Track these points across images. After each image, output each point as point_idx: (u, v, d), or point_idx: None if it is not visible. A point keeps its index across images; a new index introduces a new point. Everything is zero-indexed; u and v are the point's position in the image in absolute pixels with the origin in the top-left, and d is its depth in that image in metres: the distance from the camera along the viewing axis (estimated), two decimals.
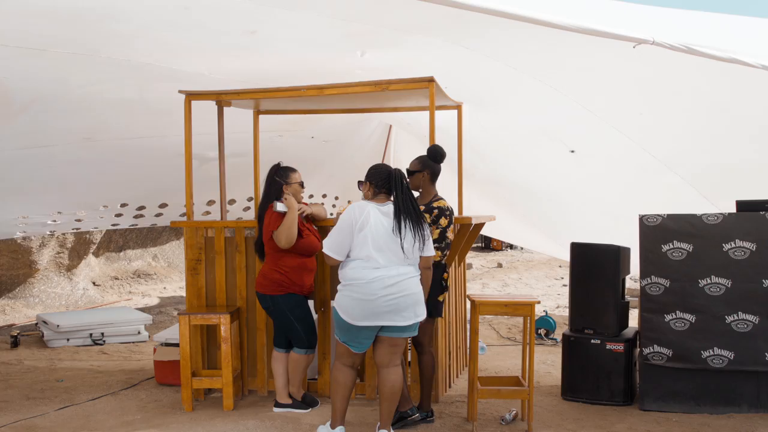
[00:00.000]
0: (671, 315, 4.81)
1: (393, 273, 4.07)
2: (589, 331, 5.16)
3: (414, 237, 4.10)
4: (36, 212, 7.42)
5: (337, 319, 4.17)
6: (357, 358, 4.25)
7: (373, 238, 4.07)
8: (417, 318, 4.14)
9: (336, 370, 4.25)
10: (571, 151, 6.21)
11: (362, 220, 4.09)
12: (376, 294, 4.03)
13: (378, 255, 4.07)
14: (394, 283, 4.05)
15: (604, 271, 5.12)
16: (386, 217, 4.12)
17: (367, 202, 4.20)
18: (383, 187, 4.22)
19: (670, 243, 4.82)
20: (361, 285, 4.07)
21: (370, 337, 4.17)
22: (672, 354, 4.82)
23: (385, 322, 4.07)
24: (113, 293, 10.41)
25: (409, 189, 4.23)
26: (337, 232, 4.18)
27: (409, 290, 4.09)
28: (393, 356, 4.22)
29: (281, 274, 4.73)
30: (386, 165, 4.42)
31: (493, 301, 4.63)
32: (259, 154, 6.10)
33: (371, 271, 4.07)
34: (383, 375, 4.22)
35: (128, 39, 4.67)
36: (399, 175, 4.22)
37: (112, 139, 6.56)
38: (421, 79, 4.91)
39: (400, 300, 4.05)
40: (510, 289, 11.45)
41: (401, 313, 4.07)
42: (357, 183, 4.39)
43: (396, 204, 4.14)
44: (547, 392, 5.39)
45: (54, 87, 5.31)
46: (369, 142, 8.13)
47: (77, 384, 5.77)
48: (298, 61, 5.26)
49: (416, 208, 4.17)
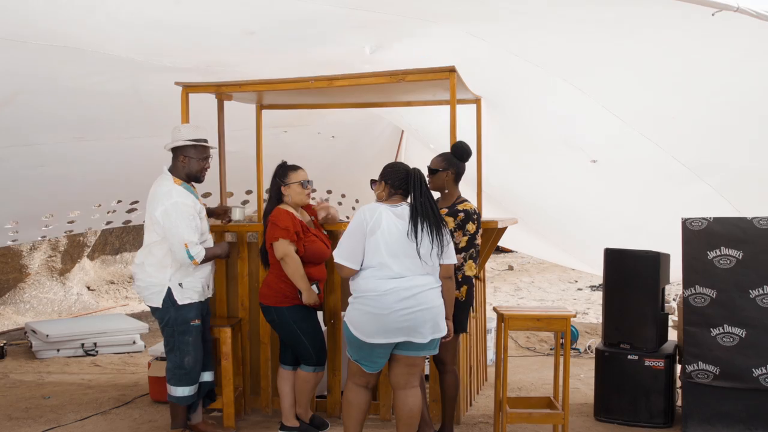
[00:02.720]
0: (718, 329, 4.37)
1: (409, 284, 3.63)
2: (625, 345, 4.71)
3: (432, 242, 3.65)
4: (26, 216, 7.00)
5: (348, 336, 3.73)
6: (372, 377, 3.81)
7: (386, 242, 3.64)
8: (436, 334, 3.68)
9: (348, 391, 3.82)
10: (592, 161, 5.73)
11: (373, 223, 3.66)
12: (390, 308, 3.59)
13: (392, 262, 3.63)
14: (410, 296, 3.61)
15: (643, 280, 4.67)
16: (400, 219, 3.68)
17: (379, 204, 3.77)
18: (400, 188, 3.79)
19: (717, 249, 4.37)
20: (373, 298, 3.63)
21: (384, 356, 3.73)
22: (719, 372, 4.37)
23: (400, 339, 3.63)
24: (109, 298, 9.97)
25: (429, 191, 3.79)
26: (347, 237, 3.73)
27: (427, 303, 3.64)
28: (410, 377, 3.77)
29: (287, 284, 4.27)
30: (403, 163, 3.97)
31: (523, 315, 4.18)
32: (262, 152, 5.64)
33: (385, 281, 3.63)
34: (400, 398, 3.77)
35: (115, 36, 4.27)
36: (419, 175, 3.78)
37: (105, 139, 6.15)
38: (440, 69, 4.46)
39: (417, 314, 3.60)
40: (523, 294, 11.00)
41: (419, 330, 3.62)
42: (370, 182, 3.94)
43: (413, 206, 3.70)
44: (578, 411, 4.94)
45: (39, 81, 4.89)
46: (379, 139, 7.68)
47: (65, 401, 5.32)
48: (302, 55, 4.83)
49: (436, 212, 3.73)
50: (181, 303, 4.23)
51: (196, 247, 4.18)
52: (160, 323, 4.32)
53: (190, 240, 4.15)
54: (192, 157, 4.32)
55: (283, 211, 4.31)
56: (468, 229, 4.05)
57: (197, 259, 4.18)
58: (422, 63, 4.51)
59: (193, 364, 4.28)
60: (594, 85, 4.73)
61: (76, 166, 6.40)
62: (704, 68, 4.27)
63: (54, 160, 6.15)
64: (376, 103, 5.82)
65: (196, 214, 4.25)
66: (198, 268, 4.28)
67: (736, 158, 5.08)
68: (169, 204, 4.17)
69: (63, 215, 7.23)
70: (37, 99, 5.10)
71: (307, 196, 4.43)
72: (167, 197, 4.19)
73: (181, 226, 4.15)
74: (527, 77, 4.84)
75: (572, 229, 7.19)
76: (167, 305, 4.23)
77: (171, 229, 4.14)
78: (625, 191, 6.03)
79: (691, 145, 5.05)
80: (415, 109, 5.84)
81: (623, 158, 5.60)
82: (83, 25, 4.12)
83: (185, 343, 4.25)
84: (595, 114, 4.97)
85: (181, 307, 4.23)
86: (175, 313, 4.23)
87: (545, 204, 6.87)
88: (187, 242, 4.14)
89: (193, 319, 4.27)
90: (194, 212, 4.24)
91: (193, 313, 4.28)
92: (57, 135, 5.81)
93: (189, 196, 4.27)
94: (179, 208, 4.17)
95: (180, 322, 4.24)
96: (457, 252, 4.01)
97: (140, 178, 6.82)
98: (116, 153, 6.38)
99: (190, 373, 4.28)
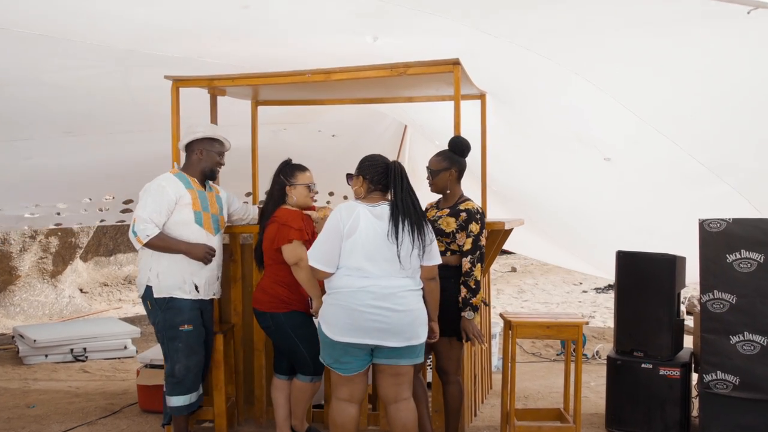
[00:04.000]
0: (738, 336, 4.13)
1: (386, 284, 3.35)
2: (638, 353, 4.48)
3: (413, 242, 3.37)
4: (9, 203, 6.74)
5: (322, 336, 3.46)
6: (355, 389, 3.47)
7: (363, 245, 3.37)
8: (413, 341, 3.38)
9: (332, 410, 3.50)
10: (606, 158, 5.47)
11: (351, 224, 3.39)
12: (363, 305, 3.32)
13: (369, 265, 3.37)
14: (385, 296, 3.33)
15: (658, 284, 4.44)
16: (379, 220, 3.40)
17: (357, 203, 3.48)
18: (380, 183, 3.48)
19: (737, 252, 4.12)
20: (347, 293, 3.37)
21: (360, 358, 3.41)
22: (739, 382, 4.13)
23: (372, 341, 3.34)
24: (102, 301, 9.73)
25: (410, 186, 3.49)
26: (323, 239, 3.45)
27: (405, 306, 3.36)
28: (398, 388, 3.47)
29: (284, 288, 4.03)
30: (382, 156, 3.63)
31: (532, 322, 3.95)
32: (257, 150, 5.40)
33: (359, 279, 3.36)
34: (391, 413, 3.49)
35: (103, 21, 4.03)
36: (399, 168, 3.48)
37: (96, 134, 5.91)
38: (444, 62, 4.22)
39: (392, 317, 3.32)
40: (526, 296, 10.77)
41: (393, 333, 3.33)
42: (346, 177, 3.65)
43: (394, 204, 3.41)
44: (588, 422, 4.70)
45: (23, 72, 4.65)
46: (383, 137, 7.44)
47: (50, 411, 5.08)
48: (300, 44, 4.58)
49: (418, 209, 3.45)
50: (158, 296, 4.00)
51: (143, 224, 3.92)
52: (154, 328, 4.12)
53: (140, 215, 3.94)
54: (210, 151, 4.18)
55: (294, 211, 4.07)
56: (471, 230, 3.77)
57: (140, 236, 3.92)
58: (425, 56, 4.29)
59: (185, 372, 4.04)
60: (609, 80, 4.49)
61: (64, 159, 6.18)
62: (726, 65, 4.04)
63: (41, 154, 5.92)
64: (377, 99, 5.58)
65: (169, 198, 4.02)
66: (176, 259, 4.01)
67: (758, 157, 4.84)
68: (148, 185, 4.05)
69: (50, 206, 6.97)
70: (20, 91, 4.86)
71: (311, 199, 4.21)
72: (151, 182, 4.07)
73: (142, 203, 3.98)
74: (537, 70, 4.59)
75: (581, 230, 6.94)
76: (153, 305, 4.02)
77: (136, 206, 4.02)
78: (638, 190, 5.77)
79: (709, 143, 4.80)
80: (419, 104, 5.60)
81: (638, 156, 5.35)
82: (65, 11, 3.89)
83: (174, 349, 4.02)
84: (610, 110, 4.73)
85: (167, 309, 4.00)
86: (162, 316, 4.01)
87: (554, 203, 6.61)
88: (137, 217, 3.94)
89: (182, 323, 4.02)
90: (167, 196, 4.01)
91: (182, 318, 4.03)
92: (44, 129, 5.58)
93: (174, 180, 4.09)
94: (151, 188, 4.02)
95: (168, 327, 4.01)
96: (462, 255, 3.76)
97: (133, 176, 6.65)
98: (106, 148, 6.14)
99: (183, 382, 4.04)
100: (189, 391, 4.08)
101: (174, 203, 4.03)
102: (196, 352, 4.08)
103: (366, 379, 3.53)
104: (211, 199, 4.24)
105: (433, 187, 3.94)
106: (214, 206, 4.24)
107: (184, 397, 4.07)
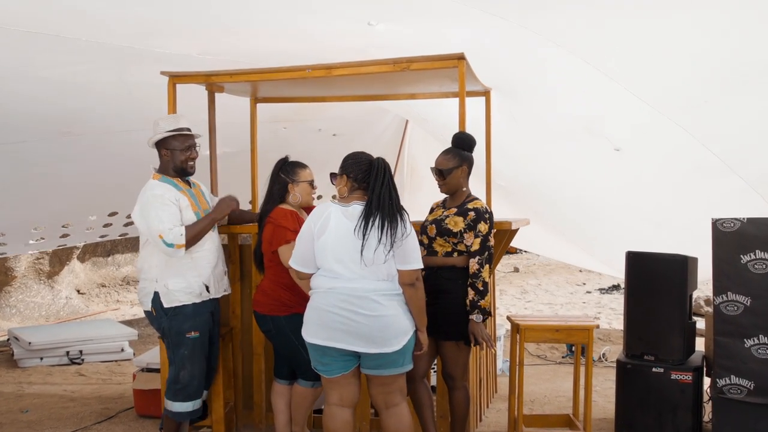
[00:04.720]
0: (752, 340, 4.00)
1: (356, 286, 3.23)
2: (649, 357, 4.35)
3: (380, 238, 3.18)
4: (12, 228, 6.62)
5: None
6: (345, 391, 3.37)
7: (332, 247, 3.26)
8: (385, 349, 3.23)
9: (325, 415, 3.40)
10: (616, 149, 5.34)
11: (321, 225, 3.29)
12: (331, 306, 3.24)
13: (339, 267, 3.26)
14: (355, 298, 3.21)
15: (669, 286, 4.31)
16: (349, 220, 3.27)
17: (330, 204, 3.36)
18: (364, 181, 3.33)
19: (752, 253, 4.00)
20: (320, 293, 3.31)
21: (338, 360, 3.30)
22: (753, 387, 4.00)
23: (340, 345, 3.24)
24: (99, 302, 9.60)
25: (393, 182, 3.33)
26: (298, 241, 3.38)
27: (376, 311, 3.21)
28: (388, 396, 3.38)
29: (285, 291, 3.90)
30: (366, 153, 3.46)
31: (540, 326, 3.83)
32: (257, 150, 5.27)
33: (330, 280, 3.28)
34: (383, 420, 3.43)
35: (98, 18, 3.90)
36: (383, 165, 3.33)
37: (95, 133, 5.77)
38: (448, 56, 4.09)
39: (361, 321, 3.20)
40: (530, 297, 10.63)
41: (363, 338, 3.21)
42: (330, 176, 3.51)
43: (369, 200, 3.26)
44: (597, 427, 4.57)
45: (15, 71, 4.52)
46: (384, 135, 7.32)
47: (44, 416, 4.96)
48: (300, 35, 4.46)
49: (394, 205, 3.26)
50: (168, 306, 3.87)
51: (170, 233, 3.80)
52: (158, 332, 4.02)
53: (161, 229, 3.79)
54: (174, 149, 3.98)
55: (289, 211, 3.95)
56: (480, 230, 3.65)
57: (178, 242, 3.79)
58: (429, 50, 4.16)
59: (189, 379, 3.92)
60: (620, 68, 4.36)
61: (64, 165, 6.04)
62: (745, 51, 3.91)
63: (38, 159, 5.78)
64: (379, 96, 5.46)
65: (172, 203, 3.89)
66: (190, 266, 3.91)
67: None
68: (143, 200, 3.89)
69: (55, 227, 6.83)
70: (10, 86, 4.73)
71: (313, 197, 4.09)
72: (142, 195, 3.91)
73: (153, 218, 3.82)
74: (546, 58, 4.46)
75: (590, 226, 6.81)
76: (159, 312, 3.90)
77: (147, 225, 3.84)
78: (650, 183, 5.64)
79: (724, 134, 4.67)
80: (422, 100, 5.48)
81: (649, 147, 5.22)
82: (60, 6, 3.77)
83: (180, 356, 3.91)
84: (621, 99, 4.60)
85: (174, 316, 3.87)
86: (168, 323, 3.89)
87: (562, 196, 6.48)
88: (161, 232, 3.79)
89: (189, 330, 3.90)
90: (169, 201, 3.88)
91: (189, 324, 3.91)
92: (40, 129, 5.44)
93: (165, 186, 3.95)
94: (150, 201, 3.86)
95: (174, 333, 3.89)
96: (470, 256, 3.63)
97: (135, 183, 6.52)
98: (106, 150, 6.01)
99: (186, 389, 3.93)
100: (192, 398, 3.97)
101: (175, 206, 3.91)
102: (201, 359, 3.97)
103: (356, 381, 3.44)
104: (199, 196, 4.13)
105: (444, 188, 3.79)
106: (203, 202, 4.13)
107: (189, 403, 3.96)
